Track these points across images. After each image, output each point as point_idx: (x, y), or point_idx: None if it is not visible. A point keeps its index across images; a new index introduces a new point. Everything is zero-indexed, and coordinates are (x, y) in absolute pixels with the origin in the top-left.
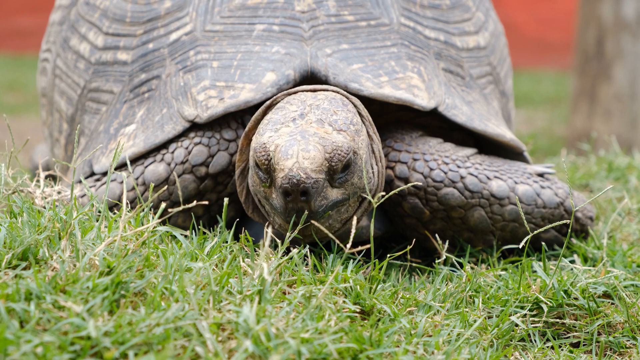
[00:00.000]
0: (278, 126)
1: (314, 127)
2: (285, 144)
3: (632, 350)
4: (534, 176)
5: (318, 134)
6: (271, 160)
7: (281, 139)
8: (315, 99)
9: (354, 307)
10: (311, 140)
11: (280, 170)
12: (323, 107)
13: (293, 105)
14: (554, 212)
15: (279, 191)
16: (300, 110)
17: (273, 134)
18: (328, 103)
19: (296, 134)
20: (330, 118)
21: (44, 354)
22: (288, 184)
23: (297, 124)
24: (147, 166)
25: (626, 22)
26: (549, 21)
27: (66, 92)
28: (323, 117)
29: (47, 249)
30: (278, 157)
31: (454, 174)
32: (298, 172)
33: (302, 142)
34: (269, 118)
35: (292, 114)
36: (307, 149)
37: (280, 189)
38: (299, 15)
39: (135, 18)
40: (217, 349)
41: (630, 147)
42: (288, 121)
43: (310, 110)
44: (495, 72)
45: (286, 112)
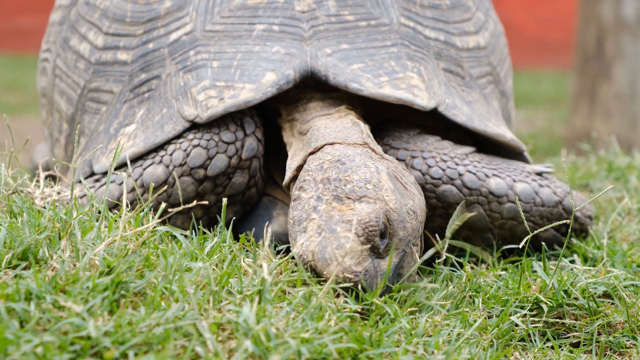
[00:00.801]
0: (304, 224)
1: (335, 209)
2: (319, 249)
3: (632, 350)
4: (533, 175)
5: (343, 218)
6: (315, 270)
7: (312, 243)
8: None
9: (355, 307)
10: (339, 232)
11: (329, 279)
12: (334, 179)
13: (307, 191)
14: (552, 211)
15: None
16: (315, 193)
17: (303, 239)
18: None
19: (324, 229)
20: (346, 189)
21: (44, 354)
22: (345, 289)
23: (319, 211)
24: (145, 168)
25: (626, 22)
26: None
27: (66, 92)
28: (339, 192)
29: (47, 249)
30: (320, 267)
31: (452, 171)
32: (345, 276)
33: (332, 239)
34: (292, 216)
35: (310, 202)
36: (340, 244)
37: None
38: (299, 15)
39: (135, 18)
40: (217, 348)
41: (630, 147)
42: (310, 214)
43: (324, 188)
44: (495, 72)
45: (303, 202)
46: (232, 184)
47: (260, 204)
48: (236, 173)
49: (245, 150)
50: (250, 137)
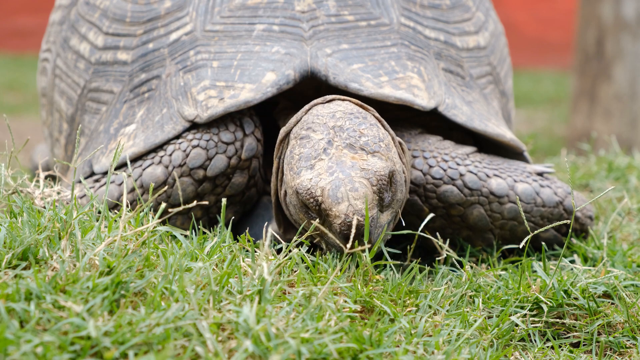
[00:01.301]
0: (312, 162)
1: (347, 155)
2: (332, 187)
3: (632, 350)
4: (534, 175)
5: (357, 165)
6: (321, 205)
7: (323, 180)
8: (334, 118)
9: (355, 307)
10: (354, 176)
11: (335, 217)
12: (347, 128)
13: (317, 132)
14: (553, 211)
15: (337, 234)
16: (326, 136)
17: (311, 174)
18: (349, 121)
19: (335, 170)
20: (360, 141)
21: (44, 354)
22: (348, 230)
23: (329, 154)
24: (145, 168)
25: (626, 22)
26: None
27: (66, 92)
28: (352, 142)
29: (47, 249)
30: (329, 203)
31: (453, 171)
32: (355, 217)
33: (346, 181)
34: (298, 152)
35: (320, 144)
36: (355, 187)
37: (339, 234)
38: (299, 15)
39: (135, 18)
40: (217, 348)
41: (630, 147)
42: (319, 154)
43: (335, 135)
44: (495, 72)
45: (313, 142)
46: (231, 184)
47: (260, 203)
48: (236, 173)
49: (245, 150)
50: (249, 137)
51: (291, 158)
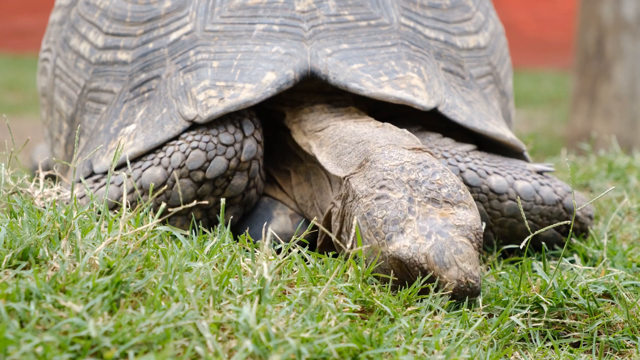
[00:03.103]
0: (401, 225)
1: (435, 212)
2: (436, 253)
3: (632, 350)
4: (533, 173)
5: (449, 222)
6: (427, 272)
7: (423, 246)
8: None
9: (355, 307)
10: (454, 236)
11: (447, 283)
12: (424, 181)
13: (394, 191)
14: (552, 210)
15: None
16: (405, 193)
17: (406, 240)
18: (422, 173)
19: (431, 231)
20: (442, 193)
21: (44, 354)
22: (462, 295)
23: (414, 212)
24: (144, 169)
25: (626, 22)
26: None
27: (66, 92)
28: (434, 196)
29: (47, 249)
30: (437, 270)
31: (452, 167)
32: (468, 280)
33: (448, 244)
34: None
35: (403, 203)
36: (459, 249)
37: (453, 297)
38: (299, 15)
39: (135, 18)
40: (217, 348)
41: (630, 147)
42: (406, 215)
43: (413, 190)
44: (495, 72)
45: (394, 202)
46: (231, 186)
47: (260, 204)
48: (235, 175)
49: (245, 152)
50: (249, 139)
51: (373, 222)
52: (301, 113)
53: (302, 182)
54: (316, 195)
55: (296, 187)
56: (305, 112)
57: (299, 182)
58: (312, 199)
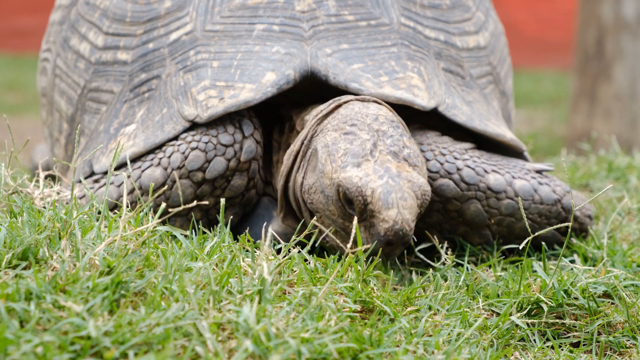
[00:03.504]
0: (359, 160)
1: (392, 163)
2: (383, 191)
3: (632, 350)
4: (532, 172)
5: (403, 175)
6: (368, 205)
7: (373, 182)
8: (377, 121)
9: (355, 307)
10: (404, 186)
11: (383, 220)
12: (391, 136)
13: (362, 132)
14: (551, 209)
15: (377, 237)
16: (371, 138)
17: (360, 172)
18: (393, 129)
19: (384, 175)
20: (404, 152)
21: (44, 354)
22: (393, 237)
23: (374, 157)
24: (144, 170)
25: (626, 22)
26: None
27: (66, 91)
28: (396, 150)
29: (47, 249)
30: (379, 206)
31: (450, 165)
32: (403, 225)
33: (397, 189)
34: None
35: (367, 144)
36: (404, 197)
37: (382, 238)
38: (299, 15)
39: (135, 18)
40: (217, 348)
41: (630, 147)
42: (367, 154)
43: (379, 138)
44: (495, 72)
45: (360, 140)
46: (230, 187)
47: (261, 204)
48: (235, 175)
49: (244, 152)
50: (249, 139)
51: (335, 150)
52: (304, 113)
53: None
54: None
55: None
56: (308, 112)
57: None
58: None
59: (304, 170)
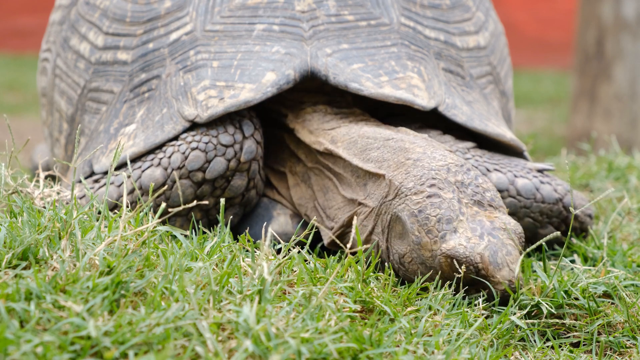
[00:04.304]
0: (453, 225)
1: (481, 214)
2: (490, 253)
3: (632, 350)
4: (534, 171)
5: (496, 225)
6: (480, 272)
7: (478, 245)
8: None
9: (355, 307)
10: (504, 239)
11: (498, 284)
12: (469, 184)
13: (444, 190)
14: (552, 208)
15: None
16: (454, 194)
17: (461, 240)
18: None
19: (482, 233)
20: (486, 197)
21: (44, 354)
22: (507, 295)
23: (464, 214)
24: (144, 170)
25: (626, 22)
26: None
27: (66, 91)
28: (479, 199)
29: (47, 249)
30: (491, 270)
31: None
32: (514, 281)
33: (500, 245)
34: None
35: (454, 204)
36: (509, 251)
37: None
38: (299, 15)
39: (135, 18)
40: (217, 348)
41: (630, 147)
42: (457, 215)
43: (459, 192)
44: (495, 71)
45: (446, 202)
46: (230, 187)
47: (261, 204)
48: (235, 176)
49: (244, 153)
50: (249, 139)
51: (426, 220)
52: (304, 113)
53: (300, 183)
54: (318, 196)
55: (293, 188)
56: (308, 112)
57: (296, 183)
58: (312, 199)
59: (386, 237)
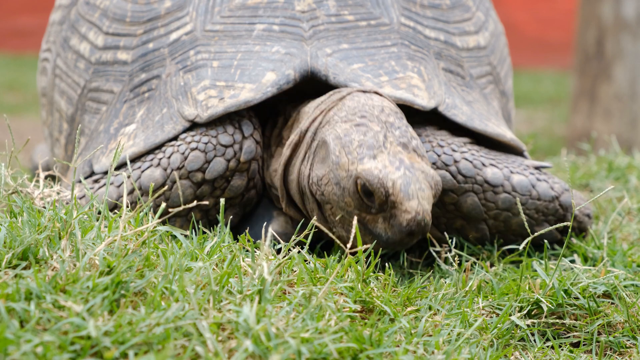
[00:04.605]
0: (374, 152)
1: (403, 154)
2: (403, 182)
3: (632, 350)
4: (531, 169)
5: (417, 167)
6: (390, 196)
7: (392, 173)
8: (384, 113)
9: (355, 307)
10: (419, 177)
11: (405, 212)
12: (398, 127)
13: (373, 123)
14: (548, 206)
15: (399, 228)
16: (382, 130)
17: (378, 164)
18: (398, 121)
19: (400, 166)
20: (412, 143)
21: (44, 354)
22: (416, 227)
23: (387, 149)
24: (143, 170)
25: (626, 22)
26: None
27: (66, 91)
28: (405, 142)
29: (47, 249)
30: (400, 197)
31: (447, 157)
32: (424, 216)
33: (414, 180)
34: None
35: (379, 136)
36: (422, 187)
37: (404, 228)
38: (299, 15)
39: (135, 18)
40: (217, 348)
41: (630, 147)
42: (380, 145)
43: (387, 130)
44: (495, 71)
45: (372, 132)
46: (230, 187)
47: (261, 204)
48: (234, 176)
49: (244, 153)
50: (248, 139)
51: (349, 142)
52: (301, 106)
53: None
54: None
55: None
56: (305, 105)
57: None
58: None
59: (310, 162)
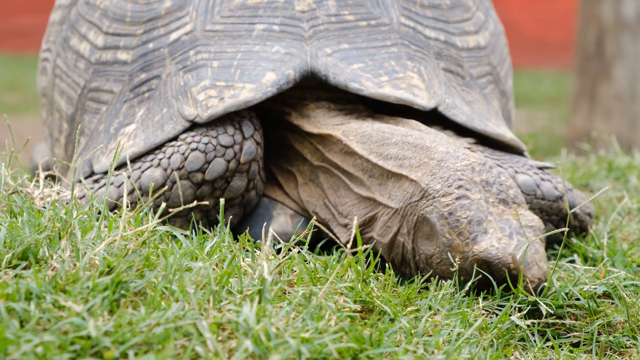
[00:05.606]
0: (484, 226)
1: (507, 213)
2: (520, 253)
3: (632, 350)
4: (535, 169)
5: (524, 224)
6: (511, 272)
7: (508, 246)
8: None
9: (355, 307)
10: (531, 236)
11: (530, 282)
12: (493, 183)
13: (472, 192)
14: (552, 205)
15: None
16: (482, 194)
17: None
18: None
19: (511, 232)
20: (510, 194)
21: (44, 354)
22: (539, 290)
23: (492, 213)
24: (143, 171)
25: (626, 22)
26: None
27: (66, 91)
28: (504, 197)
29: (47, 249)
30: (520, 270)
31: None
32: (544, 279)
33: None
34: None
35: (482, 204)
36: (537, 249)
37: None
38: (299, 15)
39: (135, 18)
40: (217, 348)
41: (630, 146)
42: (486, 215)
43: (485, 191)
44: (495, 71)
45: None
46: (230, 188)
47: (260, 204)
48: (235, 177)
49: (244, 153)
50: (248, 140)
51: (456, 222)
52: (307, 110)
53: (307, 182)
54: (329, 194)
55: (301, 187)
56: (311, 109)
57: (304, 182)
58: (322, 197)
59: (412, 238)
